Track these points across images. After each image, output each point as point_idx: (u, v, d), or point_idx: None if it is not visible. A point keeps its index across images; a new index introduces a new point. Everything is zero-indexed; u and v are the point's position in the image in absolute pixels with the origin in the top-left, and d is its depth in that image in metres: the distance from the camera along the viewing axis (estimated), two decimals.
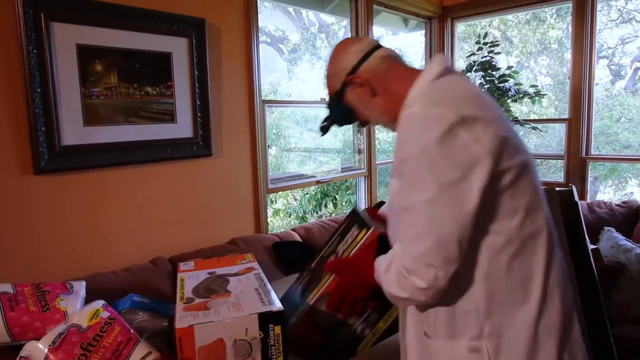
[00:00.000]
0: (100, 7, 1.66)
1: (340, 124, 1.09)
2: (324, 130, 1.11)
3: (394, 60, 1.00)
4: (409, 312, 0.99)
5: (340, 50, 1.03)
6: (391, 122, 0.98)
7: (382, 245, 1.03)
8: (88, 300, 1.31)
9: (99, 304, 1.25)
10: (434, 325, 0.90)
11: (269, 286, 1.28)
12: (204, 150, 2.02)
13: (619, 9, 6.10)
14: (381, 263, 0.91)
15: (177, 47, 1.90)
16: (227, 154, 2.15)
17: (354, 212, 1.20)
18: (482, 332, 0.84)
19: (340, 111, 1.05)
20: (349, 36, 2.94)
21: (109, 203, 1.75)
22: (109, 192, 1.75)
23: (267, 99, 2.35)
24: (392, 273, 0.84)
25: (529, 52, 6.34)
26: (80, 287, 1.36)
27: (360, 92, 1.00)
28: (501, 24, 6.16)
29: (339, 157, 4.88)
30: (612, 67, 6.51)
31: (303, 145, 5.29)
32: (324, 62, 6.41)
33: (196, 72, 1.96)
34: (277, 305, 1.15)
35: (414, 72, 0.96)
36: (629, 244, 2.25)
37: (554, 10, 5.98)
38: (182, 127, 1.94)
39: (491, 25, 5.85)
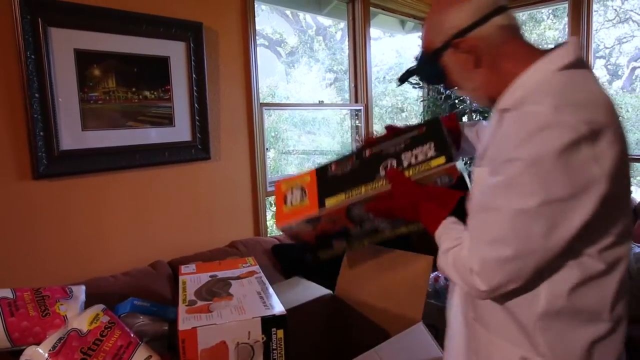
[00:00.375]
0: (98, 12, 1.67)
1: (427, 81, 1.03)
2: (402, 80, 1.01)
3: (513, 31, 0.84)
4: (457, 293, 0.97)
5: (452, 1, 0.85)
6: (484, 99, 0.89)
7: (459, 206, 0.91)
8: (88, 304, 1.31)
9: (98, 308, 1.24)
10: (488, 318, 0.86)
11: (270, 290, 1.28)
12: (202, 153, 2.03)
13: (615, 9, 6.13)
14: (445, 237, 0.85)
15: (175, 51, 1.91)
16: (226, 157, 2.15)
17: (437, 123, 1.03)
18: (538, 348, 0.79)
19: (430, 70, 0.92)
20: (346, 39, 2.95)
21: (107, 207, 1.75)
22: (107, 196, 1.75)
23: (265, 102, 2.36)
24: (451, 260, 0.81)
25: None
26: (80, 292, 1.36)
27: (462, 59, 0.85)
28: None
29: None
30: (609, 67, 6.54)
31: (301, 148, 5.29)
32: (322, 64, 6.42)
33: (194, 75, 1.97)
34: (280, 309, 1.15)
35: (534, 52, 0.82)
36: None
37: (550, 11, 6.01)
38: (180, 131, 1.95)
39: None
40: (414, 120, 6.00)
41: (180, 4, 1.93)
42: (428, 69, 0.93)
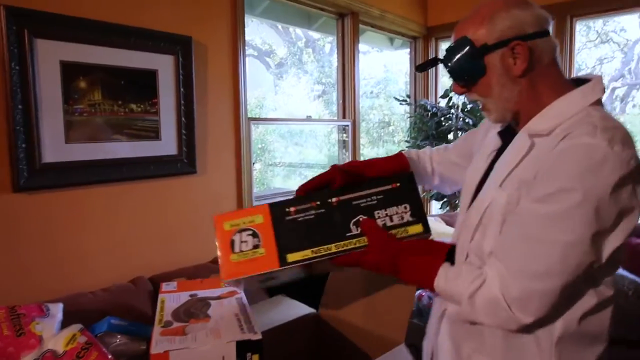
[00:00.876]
0: (85, 24, 1.65)
1: (454, 75, 0.87)
2: (422, 69, 0.97)
3: (556, 56, 0.84)
4: (447, 324, 0.93)
5: (522, 2, 0.82)
6: (507, 113, 0.85)
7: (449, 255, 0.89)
8: (66, 322, 1.28)
9: (76, 328, 1.21)
10: (495, 348, 0.84)
11: (250, 312, 1.26)
12: (188, 167, 2.01)
13: (597, 31, 6.30)
14: (456, 283, 0.80)
15: (163, 65, 1.90)
16: (212, 172, 2.14)
17: (410, 180, 0.96)
18: None
19: (468, 64, 0.83)
20: (335, 52, 2.97)
21: (90, 221, 1.72)
22: (90, 210, 1.72)
23: (252, 114, 2.35)
24: (481, 303, 0.77)
25: None
26: (57, 310, 1.32)
27: (509, 64, 0.81)
28: None
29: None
30: None
31: (288, 160, 5.29)
32: (310, 76, 6.45)
33: (182, 89, 1.96)
34: (257, 333, 1.13)
35: (567, 82, 0.84)
36: None
37: None
38: (166, 144, 1.93)
39: None
40: (400, 134, 6.05)
41: (169, 18, 1.92)
42: (466, 62, 0.83)
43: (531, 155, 0.80)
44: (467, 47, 0.83)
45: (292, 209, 0.95)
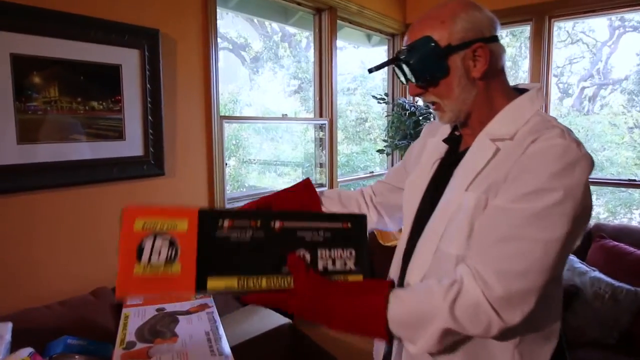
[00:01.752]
0: (40, 14, 1.51)
1: (415, 74, 0.83)
2: (378, 69, 0.93)
3: (504, 62, 0.87)
4: None
5: (477, 5, 0.84)
6: (461, 114, 0.85)
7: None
8: (15, 344, 1.16)
9: (25, 352, 1.10)
10: (467, 353, 0.81)
11: (221, 330, 1.17)
12: (155, 169, 1.89)
13: (567, 31, 6.40)
14: (421, 307, 0.74)
15: (128, 59, 1.77)
16: (181, 173, 2.02)
17: (362, 225, 0.86)
18: None
19: (430, 64, 0.82)
20: (312, 47, 2.88)
21: (45, 228, 1.59)
22: (46, 216, 1.59)
23: (226, 109, 2.24)
24: (464, 308, 0.72)
25: None
26: (5, 330, 1.20)
27: (468, 67, 0.82)
28: None
29: (299, 170, 4.81)
30: (559, 85, 6.81)
31: (263, 157, 5.18)
32: (286, 71, 6.35)
33: (148, 85, 1.83)
34: (228, 355, 1.04)
35: (511, 90, 0.88)
36: (583, 266, 2.29)
37: (509, 31, 6.20)
38: (131, 145, 1.80)
39: None
40: (377, 131, 6.01)
41: (135, 9, 1.79)
42: (430, 62, 0.82)
43: (497, 158, 0.80)
44: (431, 47, 0.82)
45: (226, 223, 0.76)
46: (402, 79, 0.89)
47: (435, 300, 0.73)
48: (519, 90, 0.89)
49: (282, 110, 4.13)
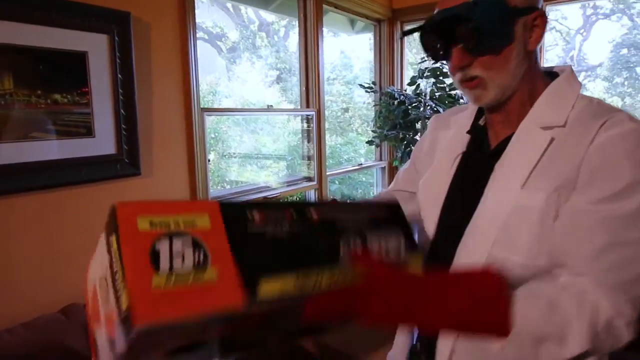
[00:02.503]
0: None
1: (478, 36, 0.68)
2: (410, 33, 0.78)
3: None
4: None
5: None
6: (502, 94, 0.72)
7: None
8: None
9: None
10: None
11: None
12: (130, 168, 1.70)
13: None
14: (550, 310, 0.60)
15: (95, 45, 1.57)
16: (160, 172, 1.84)
17: (398, 210, 0.74)
18: None
19: (498, 26, 0.69)
20: (289, 36, 2.70)
21: (3, 240, 1.39)
22: (5, 226, 1.39)
23: (205, 101, 2.06)
24: (602, 327, 0.59)
25: None
26: None
27: (526, 37, 0.71)
28: None
29: (282, 163, 4.64)
30: None
31: (244, 150, 4.99)
32: (265, 61, 6.14)
33: (119, 75, 1.63)
34: None
35: (543, 72, 0.79)
36: None
37: None
38: (102, 142, 1.61)
39: None
40: (358, 122, 5.88)
41: None
42: (497, 23, 0.68)
43: (553, 149, 0.70)
44: (500, 5, 0.68)
45: (256, 215, 0.60)
46: (438, 46, 0.73)
47: (569, 314, 0.59)
48: (548, 74, 0.79)
49: (263, 101, 3.95)
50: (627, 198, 0.62)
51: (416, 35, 0.75)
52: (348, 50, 5.85)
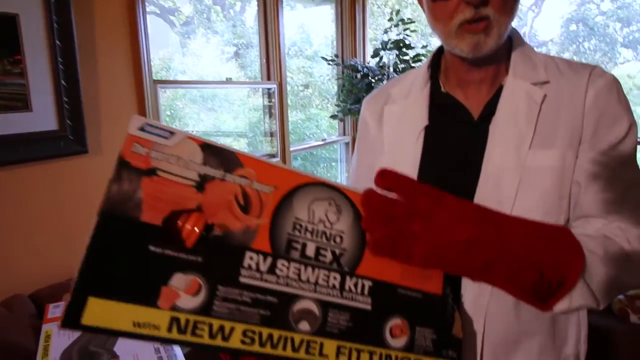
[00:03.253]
0: None
1: None
2: None
3: None
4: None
5: None
6: (500, 41, 0.66)
7: None
8: None
9: None
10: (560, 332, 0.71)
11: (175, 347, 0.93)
12: (75, 146, 1.55)
13: None
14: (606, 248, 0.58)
15: (27, 8, 1.39)
16: (109, 150, 1.69)
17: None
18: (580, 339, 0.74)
19: None
20: (245, 10, 2.57)
21: None
22: None
23: (159, 77, 1.91)
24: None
25: None
26: None
27: None
28: None
29: (242, 140, 4.50)
30: None
31: (202, 128, 4.80)
32: (221, 37, 5.92)
33: (58, 42, 1.47)
34: None
35: None
36: None
37: None
38: (41, 117, 1.45)
39: (405, 1, 5.77)
40: (319, 99, 5.78)
41: None
42: None
43: (547, 106, 0.67)
44: None
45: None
46: None
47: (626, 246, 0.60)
48: None
49: (220, 77, 3.78)
50: (627, 143, 0.65)
51: (375, 9, 0.67)
52: (307, 24, 5.70)
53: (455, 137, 0.72)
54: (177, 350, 0.92)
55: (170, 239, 0.43)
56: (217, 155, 0.46)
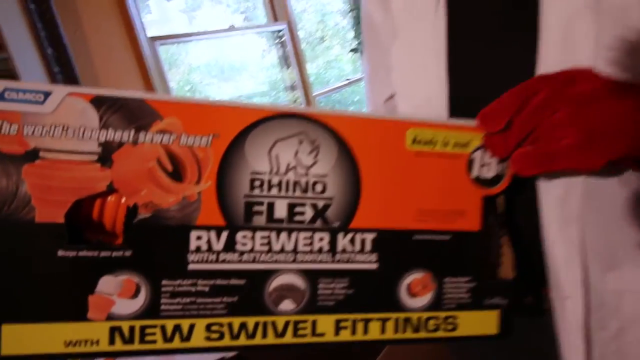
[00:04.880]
0: None
1: None
2: None
3: None
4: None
5: None
6: None
7: None
8: None
9: None
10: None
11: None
12: None
13: None
14: None
15: None
16: None
17: None
18: None
19: None
20: None
21: None
22: None
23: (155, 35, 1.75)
24: None
25: None
26: None
27: None
28: None
29: (266, 99, 4.36)
30: None
31: (225, 97, 4.69)
32: (227, 6, 5.67)
33: (33, 5, 1.33)
34: None
35: None
36: None
37: None
38: None
39: None
40: (337, 48, 5.47)
41: None
42: None
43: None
44: None
45: None
46: None
47: None
48: None
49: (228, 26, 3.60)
50: None
51: None
52: None
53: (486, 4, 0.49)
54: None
55: (83, 237, 0.35)
56: (119, 109, 0.34)
